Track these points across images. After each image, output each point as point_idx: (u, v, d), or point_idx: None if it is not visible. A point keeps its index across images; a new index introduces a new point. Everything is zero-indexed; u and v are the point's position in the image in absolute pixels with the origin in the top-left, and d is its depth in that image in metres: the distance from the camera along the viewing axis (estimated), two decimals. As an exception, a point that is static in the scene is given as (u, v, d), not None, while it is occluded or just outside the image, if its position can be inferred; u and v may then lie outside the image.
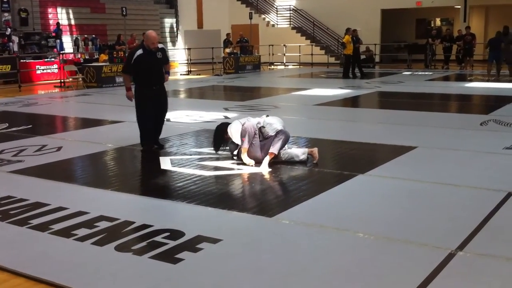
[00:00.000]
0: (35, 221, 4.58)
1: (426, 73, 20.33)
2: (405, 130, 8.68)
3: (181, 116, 10.37)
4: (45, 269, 3.70)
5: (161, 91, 7.36)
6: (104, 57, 17.47)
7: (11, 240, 4.26)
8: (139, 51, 7.10)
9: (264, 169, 6.18)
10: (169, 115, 10.42)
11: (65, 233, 4.30)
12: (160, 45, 7.31)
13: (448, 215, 4.67)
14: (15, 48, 19.73)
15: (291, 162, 6.49)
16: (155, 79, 7.25)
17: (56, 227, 4.43)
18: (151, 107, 7.25)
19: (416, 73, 20.50)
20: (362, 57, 20.93)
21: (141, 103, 7.23)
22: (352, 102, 13.03)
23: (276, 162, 6.47)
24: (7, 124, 9.74)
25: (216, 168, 6.29)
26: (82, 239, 4.17)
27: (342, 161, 6.89)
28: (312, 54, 24.90)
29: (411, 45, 24.73)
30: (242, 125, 6.45)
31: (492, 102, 12.49)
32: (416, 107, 11.45)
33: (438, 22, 28.91)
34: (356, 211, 4.81)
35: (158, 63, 7.24)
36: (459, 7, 25.69)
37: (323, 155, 7.34)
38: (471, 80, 17.44)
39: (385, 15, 27.02)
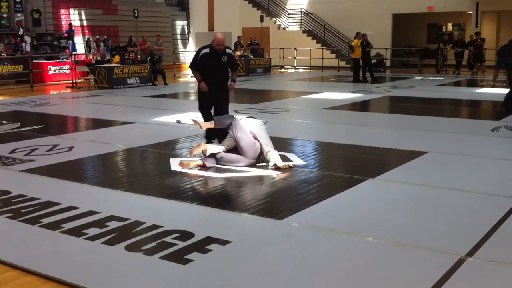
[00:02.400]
0: (46, 220, 4.62)
1: (437, 78, 20.26)
2: (415, 135, 8.65)
3: (191, 118, 10.38)
4: (56, 267, 3.73)
5: (220, 94, 7.58)
6: (117, 59, 17.59)
7: (22, 238, 4.30)
8: (206, 50, 7.49)
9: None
10: (179, 116, 10.53)
11: (76, 232, 4.33)
12: (228, 50, 7.52)
13: (458, 220, 4.66)
14: (28, 48, 19.88)
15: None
16: (215, 80, 7.51)
17: (67, 226, 4.47)
18: (208, 105, 7.67)
19: (427, 78, 20.43)
20: (373, 61, 20.91)
21: (200, 98, 7.79)
22: (362, 106, 13.01)
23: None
24: (19, 124, 9.82)
25: (226, 170, 6.31)
26: (93, 238, 4.20)
27: (352, 165, 6.88)
28: (322, 58, 24.89)
29: (422, 50, 24.65)
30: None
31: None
32: (427, 112, 11.41)
33: (449, 27, 28.81)
34: (365, 215, 4.81)
35: (221, 65, 7.48)
36: (471, 12, 25.59)
37: (333, 159, 7.34)
38: (482, 86, 17.36)
39: (396, 20, 26.95)
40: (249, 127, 6.60)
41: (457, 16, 27.36)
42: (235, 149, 6.53)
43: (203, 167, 6.38)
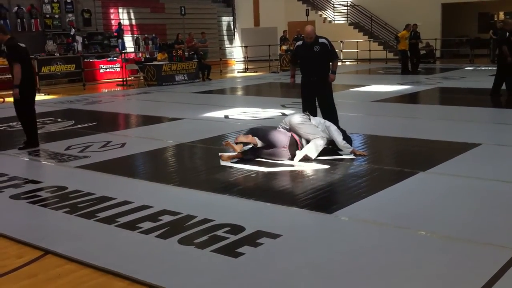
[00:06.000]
0: (101, 214, 4.76)
1: (489, 68, 19.67)
2: (468, 127, 8.45)
3: (239, 113, 10.48)
4: (112, 260, 3.84)
5: (318, 84, 7.56)
6: (161, 56, 17.85)
7: (79, 232, 4.44)
8: (299, 42, 7.69)
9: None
10: (227, 112, 10.61)
11: (130, 226, 4.44)
12: (321, 40, 7.47)
13: (514, 214, 4.54)
14: (79, 48, 20.45)
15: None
16: (311, 71, 7.57)
17: (122, 220, 4.59)
18: (309, 97, 7.71)
19: (479, 68, 19.88)
20: (422, 52, 20.49)
21: (301, 90, 7.80)
22: (411, 98, 12.78)
23: (335, 159, 6.47)
24: (73, 121, 10.11)
25: (275, 164, 6.33)
26: (147, 232, 4.30)
27: (403, 158, 6.78)
28: (370, 50, 24.57)
29: (473, 39, 23.99)
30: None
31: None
32: (479, 103, 11.11)
33: (501, 15, 27.91)
34: (417, 209, 4.73)
35: (314, 55, 7.44)
36: (525, -1, 24.74)
37: (382, 152, 7.26)
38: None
39: (446, 9, 26.32)
40: (288, 123, 6.70)
41: (508, 4, 26.46)
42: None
43: (241, 158, 6.53)
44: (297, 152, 6.41)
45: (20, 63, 7.37)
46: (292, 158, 6.42)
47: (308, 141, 6.53)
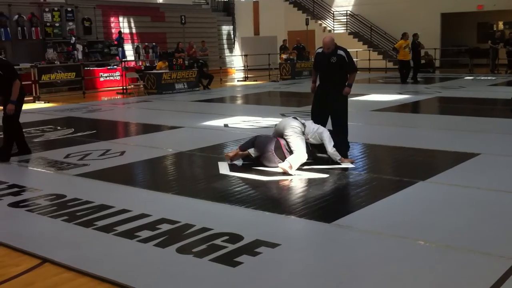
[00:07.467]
0: (100, 223, 4.75)
1: (488, 77, 19.72)
2: (467, 137, 8.46)
3: (238, 122, 10.48)
4: (109, 269, 3.83)
5: (329, 94, 7.51)
6: (161, 64, 17.89)
7: (77, 240, 4.42)
8: (319, 49, 7.65)
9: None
10: (226, 120, 10.62)
11: (129, 234, 4.43)
12: (339, 51, 7.35)
13: (513, 224, 4.54)
14: (79, 56, 20.48)
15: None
16: (325, 80, 7.57)
17: (120, 228, 4.58)
18: (317, 104, 7.71)
19: (478, 77, 19.92)
20: (422, 61, 20.51)
21: (314, 96, 7.82)
22: (411, 107, 12.80)
23: (333, 168, 6.47)
24: (73, 129, 10.12)
25: (274, 173, 6.33)
26: (145, 240, 4.29)
27: (402, 168, 6.79)
28: (369, 59, 24.63)
29: (473, 49, 24.06)
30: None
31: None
32: (479, 113, 11.14)
33: (500, 25, 28.01)
34: (416, 219, 4.73)
35: (330, 66, 7.40)
36: (524, 9, 24.81)
37: (381, 161, 7.26)
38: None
39: (445, 19, 26.41)
40: (281, 128, 6.73)
41: (508, 14, 26.57)
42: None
43: (247, 155, 6.62)
44: (280, 164, 6.36)
45: (18, 79, 7.50)
46: (282, 160, 6.41)
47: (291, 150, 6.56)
